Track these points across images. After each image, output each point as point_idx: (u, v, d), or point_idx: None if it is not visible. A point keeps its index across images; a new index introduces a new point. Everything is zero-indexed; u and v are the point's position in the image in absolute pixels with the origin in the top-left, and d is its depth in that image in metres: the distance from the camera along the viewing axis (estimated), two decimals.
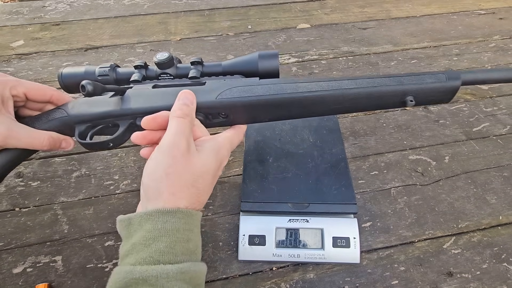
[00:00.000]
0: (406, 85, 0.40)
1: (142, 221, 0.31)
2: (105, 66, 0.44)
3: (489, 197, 0.53)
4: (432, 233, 0.49)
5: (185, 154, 0.34)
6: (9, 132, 0.38)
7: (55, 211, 0.51)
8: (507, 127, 0.64)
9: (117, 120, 0.41)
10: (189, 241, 0.32)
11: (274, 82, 0.41)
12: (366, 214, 0.51)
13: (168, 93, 0.41)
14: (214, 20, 0.97)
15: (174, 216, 0.32)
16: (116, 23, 0.96)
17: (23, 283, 0.44)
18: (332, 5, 1.04)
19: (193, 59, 0.45)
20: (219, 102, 0.40)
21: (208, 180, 0.36)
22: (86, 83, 0.36)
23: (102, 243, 0.48)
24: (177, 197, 0.33)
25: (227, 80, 0.43)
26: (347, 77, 0.42)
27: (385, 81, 0.41)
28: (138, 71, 0.44)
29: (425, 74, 0.41)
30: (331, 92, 0.40)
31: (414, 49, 0.85)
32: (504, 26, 0.93)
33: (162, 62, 0.43)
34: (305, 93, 0.40)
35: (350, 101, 0.41)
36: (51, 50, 0.85)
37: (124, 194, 0.54)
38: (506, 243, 0.48)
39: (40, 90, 0.42)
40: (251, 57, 0.44)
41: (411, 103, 0.40)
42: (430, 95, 0.41)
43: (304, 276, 0.45)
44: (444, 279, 0.45)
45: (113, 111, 0.41)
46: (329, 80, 0.41)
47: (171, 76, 0.44)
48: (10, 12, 1.01)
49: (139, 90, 0.42)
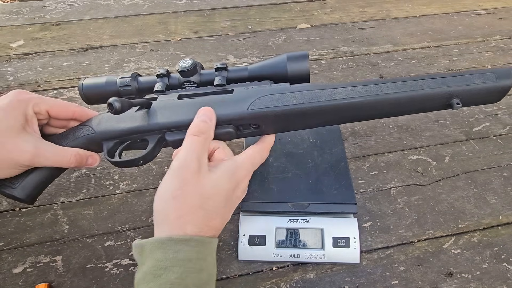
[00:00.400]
0: (451, 87, 0.37)
1: (153, 249, 0.30)
2: (127, 76, 0.43)
3: (489, 197, 0.53)
4: (432, 233, 0.49)
5: (195, 175, 0.33)
6: (36, 150, 0.37)
7: (55, 211, 0.51)
8: (507, 127, 0.64)
9: (145, 135, 0.40)
10: (201, 271, 0.31)
11: (307, 89, 0.39)
12: (366, 214, 0.51)
13: (194, 104, 0.39)
14: (214, 20, 0.97)
15: (187, 245, 0.30)
16: (116, 23, 0.96)
17: (23, 283, 0.44)
18: (332, 5, 1.04)
19: (217, 65, 0.43)
20: (251, 113, 0.38)
21: (220, 202, 0.34)
22: (113, 100, 0.35)
23: (102, 243, 0.48)
24: (183, 220, 0.31)
25: (256, 87, 0.41)
26: (385, 79, 0.39)
27: (428, 84, 0.38)
28: (161, 80, 0.43)
29: (472, 74, 0.38)
30: (370, 98, 0.37)
31: (414, 49, 0.85)
32: (504, 26, 0.93)
33: (185, 70, 0.42)
34: (342, 100, 0.38)
35: (389, 106, 0.38)
36: (51, 50, 0.85)
37: (124, 194, 0.54)
38: (506, 243, 0.48)
39: (63, 107, 0.41)
40: (279, 60, 0.42)
41: (457, 106, 0.38)
42: (478, 97, 0.39)
43: (304, 276, 0.45)
44: (444, 279, 0.45)
45: (141, 126, 0.39)
46: (366, 84, 0.38)
47: (195, 83, 0.43)
48: (10, 12, 1.01)
49: (164, 102, 0.40)
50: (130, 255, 0.47)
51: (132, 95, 0.43)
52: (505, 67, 0.76)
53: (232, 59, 0.82)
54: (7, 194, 0.39)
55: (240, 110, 0.38)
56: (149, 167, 0.57)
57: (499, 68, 0.39)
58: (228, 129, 0.39)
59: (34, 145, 0.37)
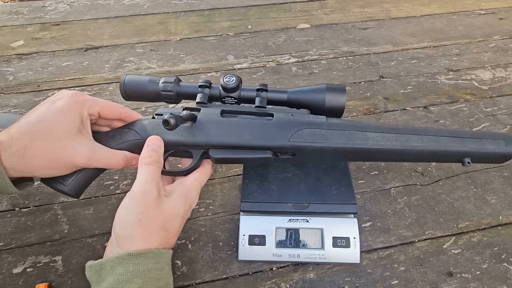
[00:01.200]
0: (467, 148, 0.43)
1: (114, 265, 0.33)
2: (169, 81, 0.44)
3: (489, 197, 0.53)
4: (432, 233, 0.49)
5: (156, 201, 0.36)
6: (92, 154, 0.39)
7: (55, 211, 0.51)
8: (507, 127, 0.64)
9: (190, 149, 0.43)
10: (160, 280, 0.34)
11: (344, 128, 0.42)
12: (366, 214, 0.51)
13: (239, 126, 0.42)
14: (214, 20, 0.97)
15: (146, 257, 0.33)
16: (116, 23, 0.96)
17: (23, 283, 0.44)
18: (332, 5, 1.04)
19: (258, 86, 0.45)
20: (292, 145, 0.42)
21: (178, 222, 0.38)
22: (169, 117, 0.37)
23: (102, 243, 0.48)
24: (149, 241, 0.34)
25: (295, 116, 0.43)
26: (411, 128, 0.43)
27: (449, 142, 0.42)
28: (202, 90, 0.45)
29: (485, 138, 0.43)
30: (398, 147, 0.42)
31: (414, 49, 0.85)
32: (504, 26, 0.93)
33: (229, 87, 0.44)
34: (374, 145, 0.42)
35: (413, 155, 0.43)
36: (51, 50, 0.85)
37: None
38: (506, 243, 0.48)
39: (112, 108, 0.42)
40: (318, 89, 0.45)
41: (467, 164, 0.43)
42: (487, 158, 0.44)
43: (304, 276, 0.45)
44: (444, 279, 0.45)
45: (187, 141, 0.42)
46: (396, 133, 0.42)
47: (234, 99, 0.45)
48: (10, 12, 1.01)
49: (209, 117, 0.43)
50: None
51: (172, 99, 0.45)
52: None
53: (232, 59, 0.82)
54: (59, 190, 0.41)
55: (282, 141, 0.42)
56: None
57: (509, 135, 0.45)
58: (267, 155, 0.42)
59: (90, 149, 0.39)
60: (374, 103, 0.69)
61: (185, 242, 0.48)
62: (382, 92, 0.72)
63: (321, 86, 0.45)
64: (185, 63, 0.81)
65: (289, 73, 0.78)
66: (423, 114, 0.67)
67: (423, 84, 0.74)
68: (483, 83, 0.74)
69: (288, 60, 0.81)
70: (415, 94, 0.72)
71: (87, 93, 0.72)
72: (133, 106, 0.66)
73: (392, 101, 0.70)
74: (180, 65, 0.80)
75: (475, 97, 0.71)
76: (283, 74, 0.77)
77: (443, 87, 0.73)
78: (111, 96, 0.71)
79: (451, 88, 0.73)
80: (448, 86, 0.74)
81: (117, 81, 0.75)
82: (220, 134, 0.42)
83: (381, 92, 0.72)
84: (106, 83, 0.75)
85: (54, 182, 0.41)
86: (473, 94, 0.72)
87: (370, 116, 0.67)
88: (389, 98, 0.71)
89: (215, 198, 0.53)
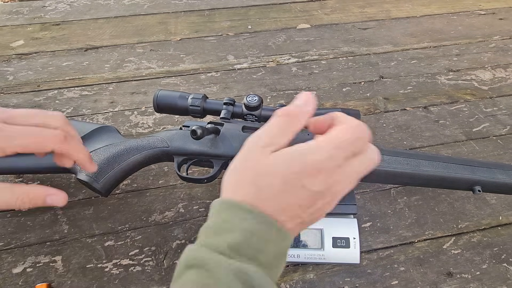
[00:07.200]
0: (478, 176, 0.44)
1: (221, 210, 0.31)
2: (198, 98, 0.47)
3: (489, 197, 0.53)
4: (432, 233, 0.49)
5: (258, 150, 0.31)
6: None
7: (55, 211, 0.51)
8: (507, 128, 0.64)
9: (212, 159, 0.46)
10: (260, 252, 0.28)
11: None
12: (366, 214, 0.51)
13: None
14: (214, 20, 0.97)
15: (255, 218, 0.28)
16: (116, 23, 0.96)
17: (23, 283, 0.44)
18: (332, 5, 1.04)
19: (278, 104, 0.49)
20: None
21: (274, 183, 0.29)
22: (197, 128, 0.41)
23: (102, 243, 0.48)
24: (234, 191, 0.31)
25: (311, 135, 0.44)
26: (423, 155, 0.45)
27: (459, 169, 0.44)
28: (226, 107, 0.48)
29: (497, 168, 0.45)
30: (409, 171, 0.44)
31: (414, 49, 0.85)
32: (504, 26, 0.93)
33: (251, 106, 0.46)
34: (386, 167, 0.44)
35: (424, 180, 0.45)
36: (51, 50, 0.85)
37: (124, 194, 0.54)
38: (506, 243, 0.48)
39: None
40: None
41: (478, 192, 0.44)
42: (497, 188, 0.45)
43: (304, 276, 0.45)
44: (444, 279, 0.45)
45: (210, 151, 0.45)
46: (407, 157, 0.44)
47: (255, 117, 0.48)
48: (10, 12, 1.01)
49: (231, 131, 0.46)
50: (130, 255, 0.47)
51: (198, 114, 0.48)
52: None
53: (232, 59, 0.82)
54: (91, 187, 0.45)
55: None
56: (150, 167, 0.57)
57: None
58: None
59: None
60: (374, 103, 0.69)
61: (185, 242, 0.48)
62: (382, 92, 0.72)
63: (337, 110, 0.46)
64: (185, 63, 0.81)
65: (289, 73, 0.78)
66: (423, 114, 0.67)
67: (423, 84, 0.74)
68: (483, 84, 0.74)
69: (288, 60, 0.81)
70: (415, 94, 0.72)
71: (87, 93, 0.72)
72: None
73: (392, 101, 0.70)
74: (180, 65, 0.80)
75: (475, 97, 0.71)
76: (283, 74, 0.77)
77: (443, 87, 0.73)
78: (111, 96, 0.71)
79: (451, 88, 0.73)
80: (448, 87, 0.74)
81: (117, 81, 0.75)
82: (239, 147, 0.42)
83: (381, 92, 0.72)
84: (106, 83, 0.75)
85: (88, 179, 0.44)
86: (473, 94, 0.72)
87: (370, 116, 0.67)
88: (389, 98, 0.71)
89: (215, 198, 0.53)
